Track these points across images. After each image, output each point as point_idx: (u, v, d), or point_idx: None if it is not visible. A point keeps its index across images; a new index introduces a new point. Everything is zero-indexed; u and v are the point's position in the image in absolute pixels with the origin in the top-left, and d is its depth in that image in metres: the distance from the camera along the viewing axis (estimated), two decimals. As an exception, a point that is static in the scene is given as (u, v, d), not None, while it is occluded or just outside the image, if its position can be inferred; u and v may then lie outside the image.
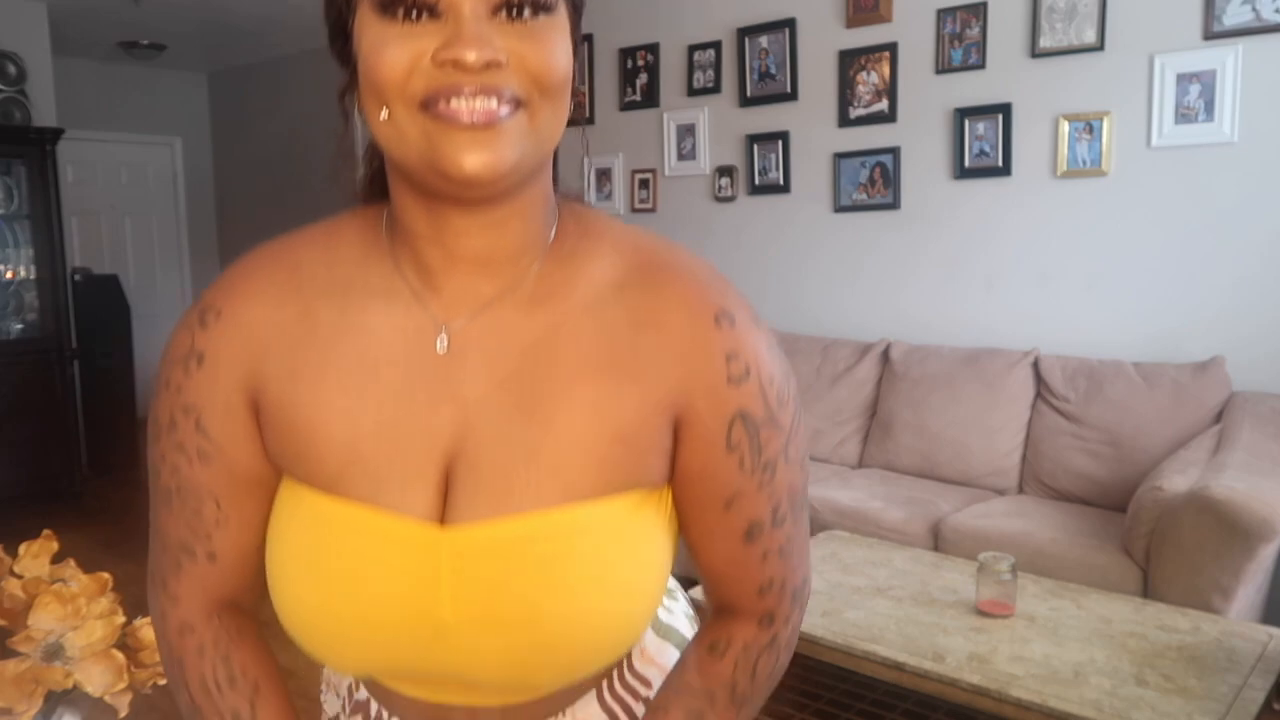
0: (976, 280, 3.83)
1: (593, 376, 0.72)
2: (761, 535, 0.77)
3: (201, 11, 5.63)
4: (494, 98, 0.66)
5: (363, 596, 0.73)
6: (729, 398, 0.73)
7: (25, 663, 1.28)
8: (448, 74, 0.65)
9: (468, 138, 0.66)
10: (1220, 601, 2.46)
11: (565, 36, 0.73)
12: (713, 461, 0.74)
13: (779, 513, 0.77)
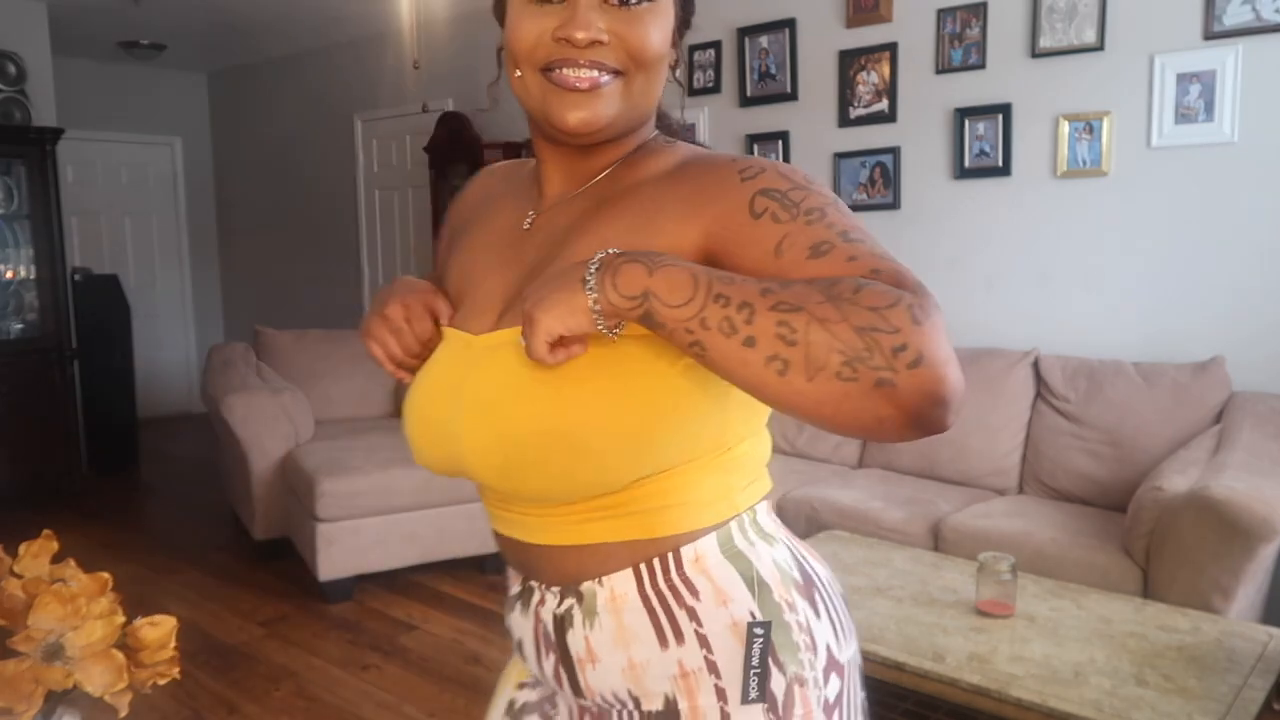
0: (976, 280, 3.83)
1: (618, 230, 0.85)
2: (833, 250, 0.74)
3: (201, 11, 5.63)
4: (596, 69, 0.84)
5: (421, 390, 0.93)
6: (746, 189, 0.79)
7: (25, 663, 1.28)
8: (562, 48, 0.84)
9: (573, 99, 0.85)
10: (1220, 601, 2.46)
11: (665, 19, 0.88)
12: (744, 232, 0.78)
13: (850, 234, 0.75)
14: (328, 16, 5.77)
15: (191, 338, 7.62)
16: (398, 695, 2.90)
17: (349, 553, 3.59)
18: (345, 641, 3.29)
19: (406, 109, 5.92)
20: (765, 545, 0.90)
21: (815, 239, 0.75)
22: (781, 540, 0.92)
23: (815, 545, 2.83)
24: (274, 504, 3.96)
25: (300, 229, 7.03)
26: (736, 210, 0.79)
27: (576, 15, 0.83)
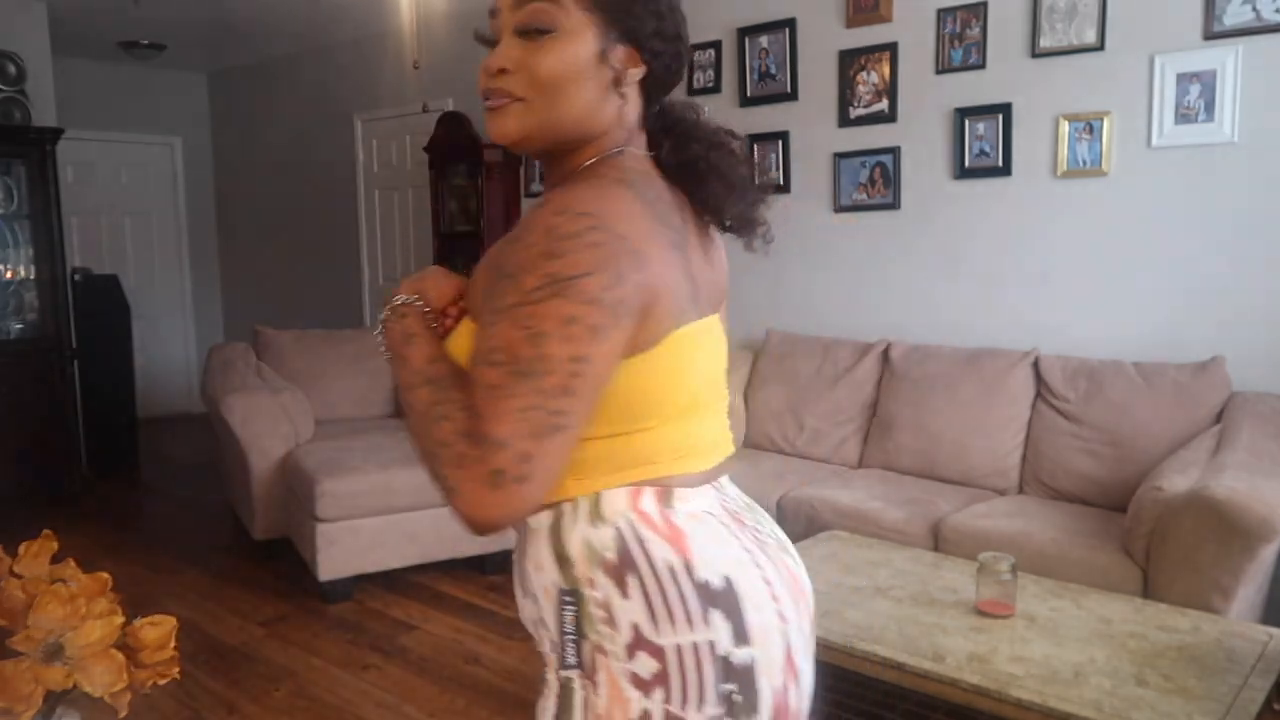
0: (976, 280, 3.83)
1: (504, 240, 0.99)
2: (475, 364, 0.92)
3: (201, 11, 5.63)
4: (501, 95, 1.02)
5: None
6: (504, 252, 0.95)
7: (25, 663, 1.28)
8: (483, 79, 1.04)
9: (489, 117, 1.04)
10: (1220, 601, 2.46)
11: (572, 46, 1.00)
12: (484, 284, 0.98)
13: (493, 356, 0.89)
14: (328, 16, 5.77)
15: (191, 338, 7.63)
16: (398, 695, 2.90)
17: (349, 553, 3.59)
18: (345, 641, 3.29)
19: (406, 109, 5.92)
20: (589, 526, 0.98)
21: (482, 345, 0.92)
22: (617, 527, 0.97)
23: (815, 545, 2.83)
24: (274, 504, 3.96)
25: (300, 229, 7.03)
26: (491, 266, 0.97)
27: (491, 52, 1.04)
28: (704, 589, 0.97)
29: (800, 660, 1.04)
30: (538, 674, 1.07)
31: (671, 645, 0.95)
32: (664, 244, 0.97)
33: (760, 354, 4.22)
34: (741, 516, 1.07)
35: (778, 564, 1.06)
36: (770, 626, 1.00)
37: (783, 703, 1.00)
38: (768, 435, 4.02)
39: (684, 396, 1.01)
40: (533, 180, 5.31)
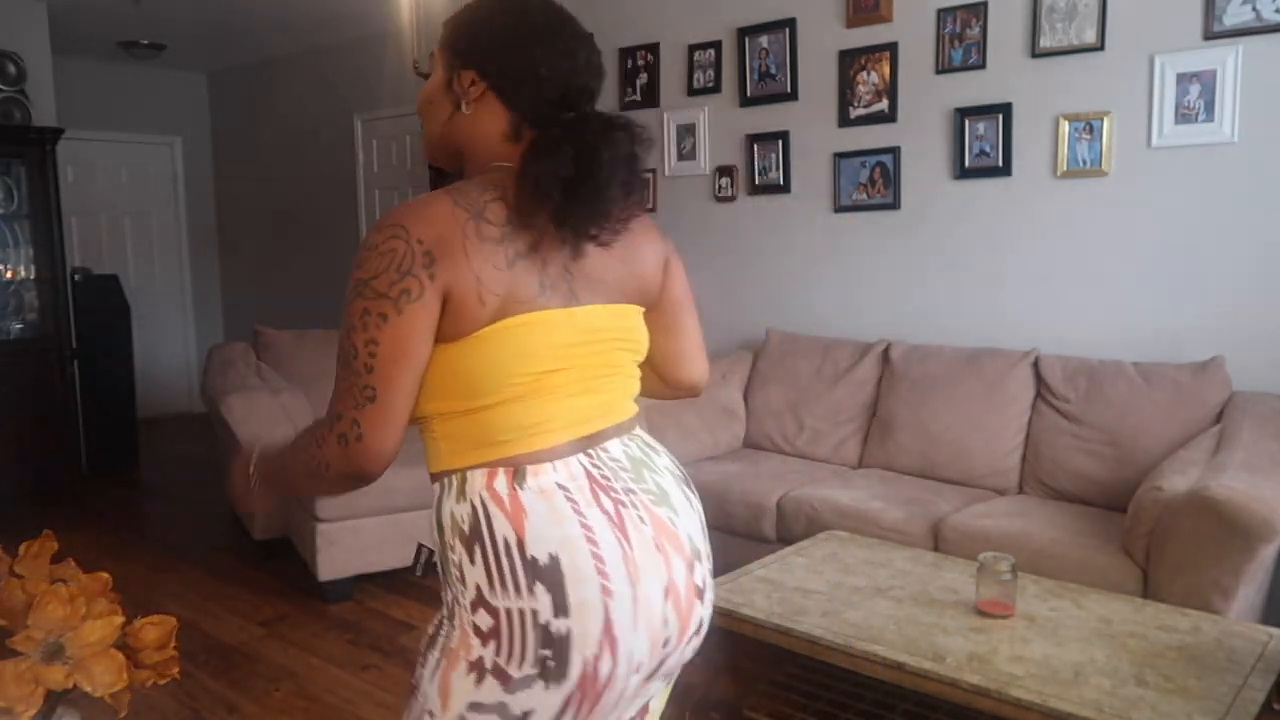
0: (976, 280, 3.83)
1: None
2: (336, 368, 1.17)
3: (201, 11, 5.63)
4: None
5: None
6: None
7: (25, 663, 1.28)
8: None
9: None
10: (1220, 601, 2.45)
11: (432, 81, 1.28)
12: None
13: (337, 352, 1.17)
14: (328, 16, 5.77)
15: (191, 338, 7.62)
16: (398, 695, 2.90)
17: (349, 553, 3.59)
18: (345, 641, 3.29)
19: (406, 109, 5.92)
20: (454, 503, 1.17)
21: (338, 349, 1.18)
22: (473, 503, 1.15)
23: (815, 545, 2.83)
24: (274, 504, 3.96)
25: (300, 229, 7.03)
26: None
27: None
28: (532, 564, 1.11)
29: (624, 627, 1.14)
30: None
31: (503, 608, 1.11)
32: (477, 244, 1.12)
33: (760, 354, 4.22)
34: (610, 482, 1.19)
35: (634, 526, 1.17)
36: (590, 602, 1.11)
37: (592, 672, 1.12)
38: (768, 435, 4.02)
39: (524, 378, 1.15)
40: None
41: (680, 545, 1.21)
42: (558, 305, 1.17)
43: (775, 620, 2.31)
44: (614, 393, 1.27)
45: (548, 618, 1.10)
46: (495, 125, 1.23)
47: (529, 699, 1.11)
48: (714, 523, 3.57)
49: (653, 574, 1.17)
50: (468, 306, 1.11)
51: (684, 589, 1.21)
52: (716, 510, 3.48)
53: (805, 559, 2.73)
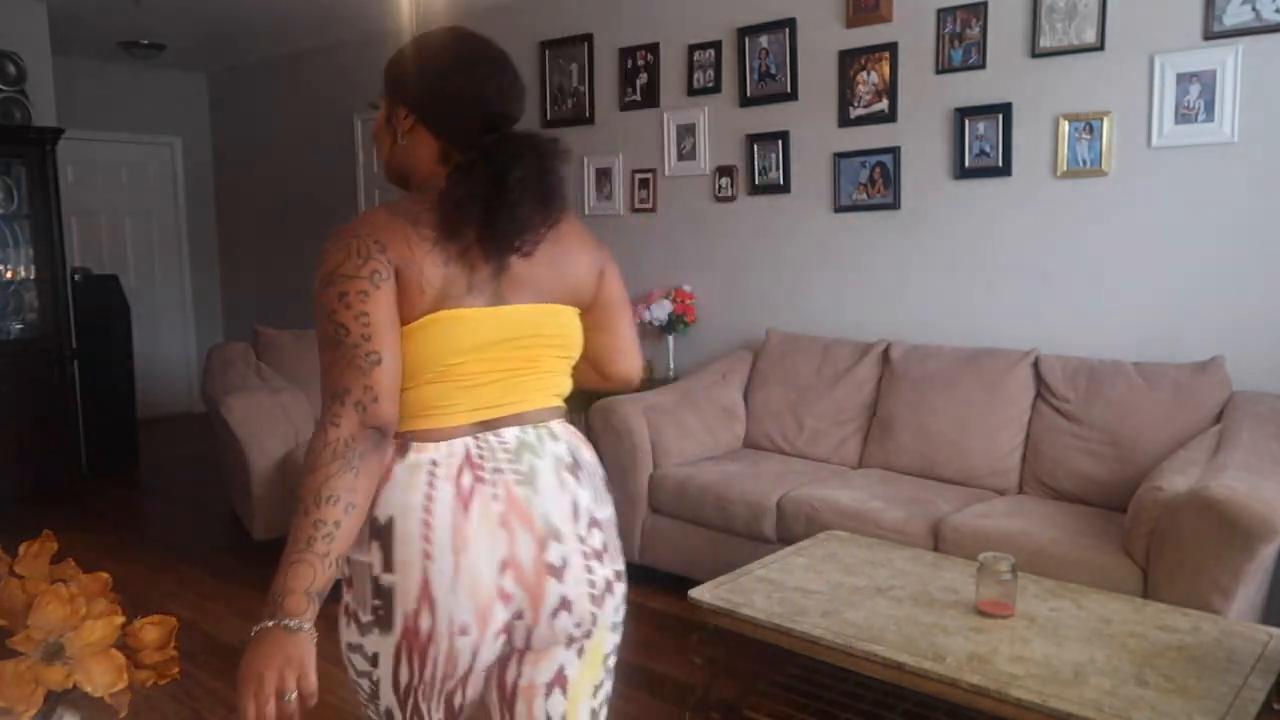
0: (976, 280, 3.83)
1: None
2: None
3: (201, 11, 5.63)
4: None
5: None
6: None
7: (25, 663, 1.28)
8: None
9: None
10: (1220, 601, 2.45)
11: (378, 121, 1.46)
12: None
13: (319, 350, 1.27)
14: (328, 16, 5.77)
15: (191, 338, 7.62)
16: (398, 695, 2.90)
17: (349, 553, 3.59)
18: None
19: (406, 109, 5.91)
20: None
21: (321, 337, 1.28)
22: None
23: (815, 545, 2.83)
24: (274, 504, 3.96)
25: (300, 229, 7.03)
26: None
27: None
28: (373, 523, 1.29)
29: (442, 590, 1.27)
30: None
31: (354, 559, 1.32)
32: (419, 242, 1.28)
33: (760, 354, 4.22)
34: (482, 462, 1.32)
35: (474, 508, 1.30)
36: (410, 563, 1.27)
37: (413, 625, 1.28)
38: (768, 435, 4.02)
39: (443, 366, 1.30)
40: (533, 180, 5.31)
41: (532, 524, 1.33)
42: (484, 304, 1.32)
43: (775, 620, 2.31)
44: (526, 386, 1.39)
45: (378, 571, 1.29)
46: (428, 152, 1.40)
47: (374, 643, 1.32)
48: (714, 523, 3.57)
49: (485, 547, 1.29)
50: (411, 294, 1.27)
51: (529, 565, 1.33)
52: (716, 510, 3.48)
53: (805, 559, 2.73)
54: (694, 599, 2.48)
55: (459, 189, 1.31)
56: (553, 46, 5.14)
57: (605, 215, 5.02)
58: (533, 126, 4.63)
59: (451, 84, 1.37)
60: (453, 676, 1.32)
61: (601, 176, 5.01)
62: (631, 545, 3.77)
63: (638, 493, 3.74)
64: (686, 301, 4.57)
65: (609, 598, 1.42)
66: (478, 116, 1.37)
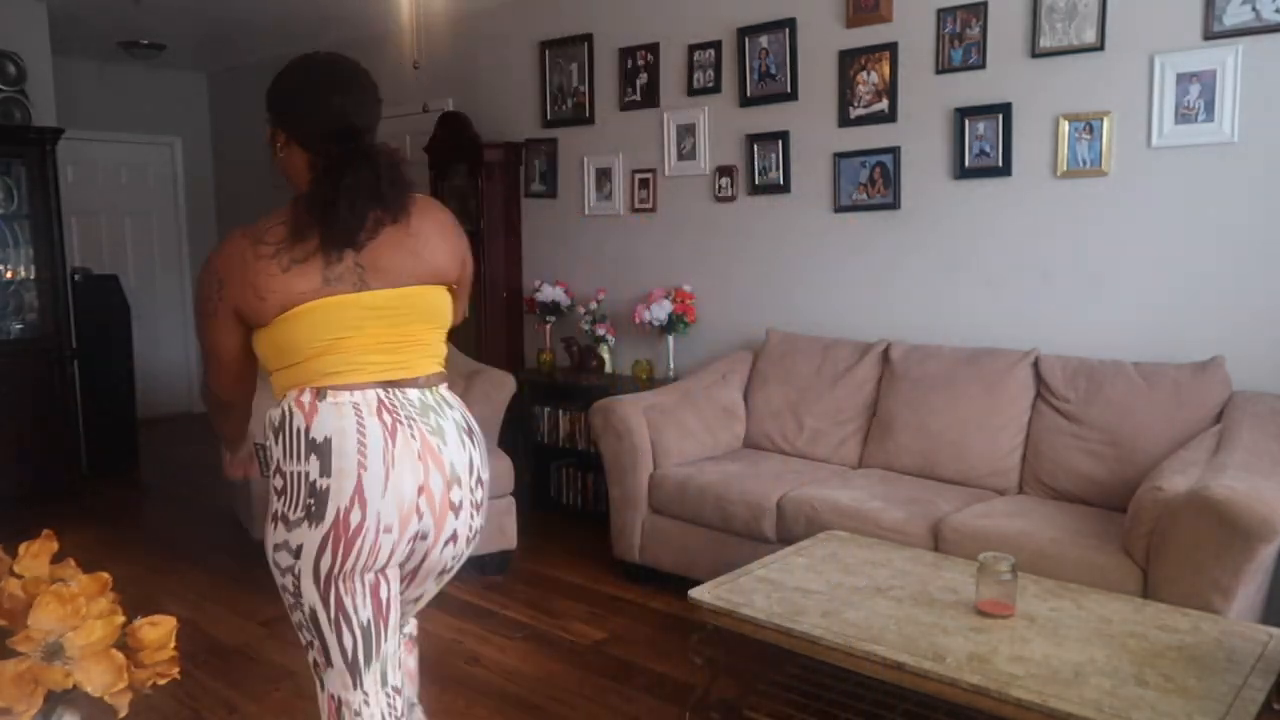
0: (976, 280, 3.83)
1: None
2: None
3: (201, 11, 5.63)
4: None
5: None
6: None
7: (25, 663, 1.28)
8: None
9: None
10: (1220, 601, 2.46)
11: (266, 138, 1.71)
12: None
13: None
14: (328, 16, 5.77)
15: (191, 338, 7.62)
16: (398, 695, 2.89)
17: (349, 553, 3.59)
18: (345, 641, 3.29)
19: (406, 109, 5.92)
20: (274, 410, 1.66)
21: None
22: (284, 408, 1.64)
23: (815, 545, 2.83)
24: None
25: (300, 229, 7.02)
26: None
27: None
28: (311, 442, 1.58)
29: (373, 491, 1.58)
30: (538, 674, 1.12)
31: (290, 471, 1.60)
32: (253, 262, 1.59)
33: (760, 354, 4.22)
34: (396, 410, 1.63)
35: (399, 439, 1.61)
36: (347, 470, 1.57)
37: (344, 519, 1.57)
38: (768, 435, 4.02)
39: (322, 341, 1.61)
40: (532, 180, 5.32)
41: (441, 465, 1.64)
42: (347, 291, 1.61)
43: (775, 620, 2.31)
44: (410, 355, 1.68)
45: (315, 477, 1.58)
46: (300, 162, 1.67)
47: (299, 536, 1.59)
48: (714, 523, 3.57)
49: (409, 469, 1.60)
50: (252, 305, 1.60)
51: (438, 495, 1.64)
52: (716, 510, 3.48)
53: (805, 559, 2.73)
54: (694, 599, 2.48)
55: (308, 194, 1.61)
56: (553, 46, 5.14)
57: (605, 215, 5.02)
58: (534, 126, 4.58)
59: (303, 103, 1.66)
60: (372, 569, 1.61)
61: (601, 176, 5.01)
62: (631, 545, 3.78)
63: (638, 493, 3.74)
64: (686, 301, 4.57)
65: (472, 544, 1.77)
66: (329, 130, 1.62)
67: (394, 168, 1.63)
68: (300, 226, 1.59)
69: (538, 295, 5.05)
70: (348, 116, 1.64)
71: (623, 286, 4.92)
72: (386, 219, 1.63)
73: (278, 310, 1.59)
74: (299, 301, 1.58)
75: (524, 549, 4.09)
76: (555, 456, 4.82)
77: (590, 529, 4.42)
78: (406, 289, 1.66)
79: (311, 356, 1.61)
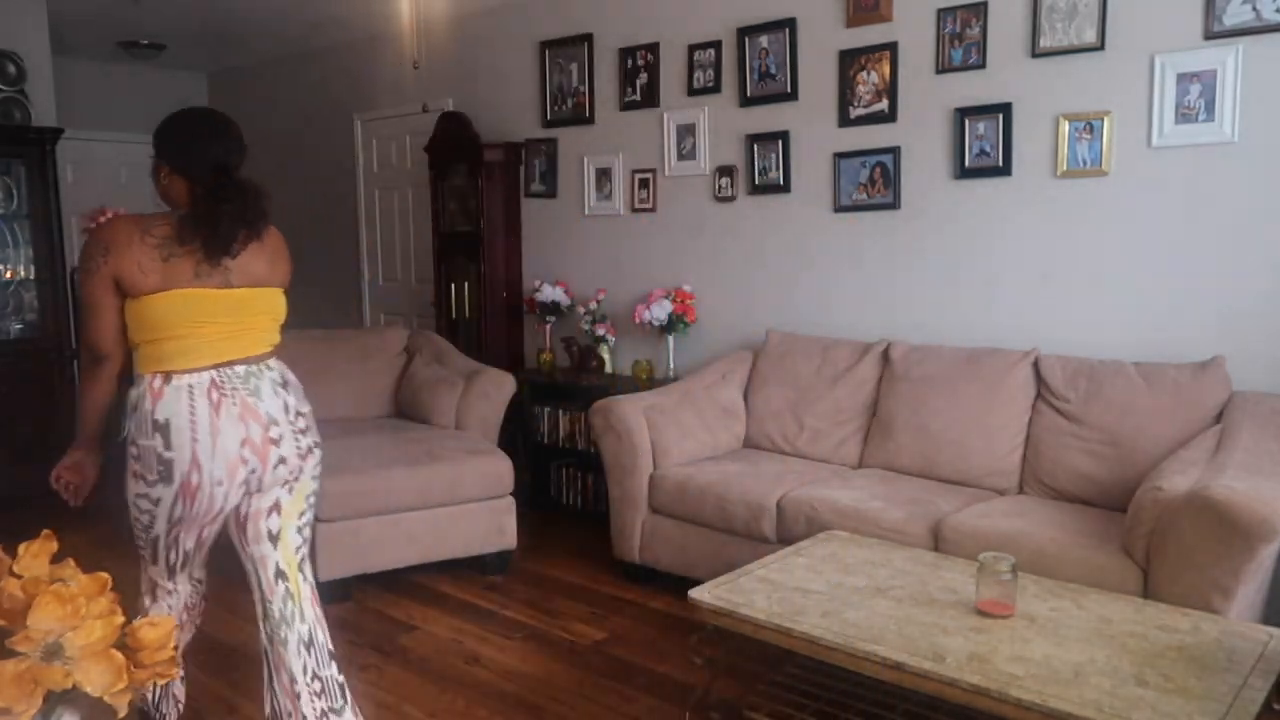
0: (976, 280, 3.83)
1: None
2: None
3: (201, 11, 5.63)
4: None
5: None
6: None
7: (25, 663, 1.28)
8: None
9: None
10: (1220, 601, 2.46)
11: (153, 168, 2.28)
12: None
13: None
14: (328, 16, 5.77)
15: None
16: (398, 695, 2.90)
17: (348, 552, 3.59)
18: (345, 641, 3.29)
19: (406, 109, 5.92)
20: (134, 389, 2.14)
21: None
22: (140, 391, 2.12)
23: (815, 545, 2.83)
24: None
25: (300, 229, 7.02)
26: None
27: None
28: (156, 423, 2.08)
29: (205, 458, 2.10)
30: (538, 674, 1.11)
31: (141, 444, 2.10)
32: (140, 244, 2.10)
33: (760, 354, 4.22)
34: (224, 385, 2.13)
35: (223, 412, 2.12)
36: (183, 444, 2.08)
37: (187, 480, 2.10)
38: (768, 435, 4.02)
39: (183, 326, 2.10)
40: (532, 180, 5.32)
41: (258, 416, 2.17)
42: (213, 287, 2.14)
43: (775, 620, 2.31)
44: (248, 339, 2.20)
45: (161, 450, 2.09)
46: (181, 189, 2.22)
47: (158, 492, 2.12)
48: (714, 523, 3.57)
49: (231, 431, 2.12)
50: (133, 277, 2.08)
51: (259, 439, 2.16)
52: (716, 510, 3.48)
53: (805, 559, 2.73)
54: (694, 599, 2.48)
55: (193, 213, 2.14)
56: (553, 46, 5.14)
57: (605, 215, 5.02)
58: (534, 126, 4.57)
59: (192, 148, 2.21)
60: (208, 514, 2.18)
61: (601, 176, 5.01)
62: (631, 545, 3.78)
63: (638, 492, 3.74)
64: (686, 301, 4.57)
65: (311, 456, 2.28)
66: (209, 167, 2.18)
67: (259, 198, 2.23)
68: (185, 234, 2.11)
69: (538, 295, 5.05)
70: (223, 158, 2.20)
71: (623, 286, 4.92)
72: (251, 236, 2.21)
73: (153, 288, 2.08)
74: (171, 286, 2.09)
75: (524, 549, 4.09)
76: (555, 456, 4.82)
77: (590, 529, 4.42)
78: (259, 289, 2.22)
79: (169, 338, 2.10)
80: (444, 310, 5.51)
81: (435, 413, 4.38)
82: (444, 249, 5.50)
